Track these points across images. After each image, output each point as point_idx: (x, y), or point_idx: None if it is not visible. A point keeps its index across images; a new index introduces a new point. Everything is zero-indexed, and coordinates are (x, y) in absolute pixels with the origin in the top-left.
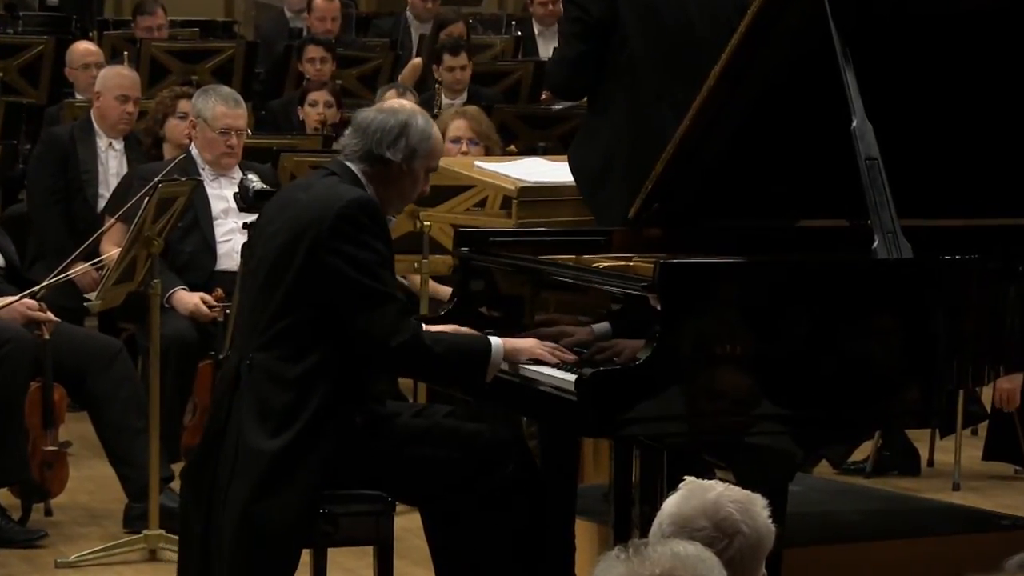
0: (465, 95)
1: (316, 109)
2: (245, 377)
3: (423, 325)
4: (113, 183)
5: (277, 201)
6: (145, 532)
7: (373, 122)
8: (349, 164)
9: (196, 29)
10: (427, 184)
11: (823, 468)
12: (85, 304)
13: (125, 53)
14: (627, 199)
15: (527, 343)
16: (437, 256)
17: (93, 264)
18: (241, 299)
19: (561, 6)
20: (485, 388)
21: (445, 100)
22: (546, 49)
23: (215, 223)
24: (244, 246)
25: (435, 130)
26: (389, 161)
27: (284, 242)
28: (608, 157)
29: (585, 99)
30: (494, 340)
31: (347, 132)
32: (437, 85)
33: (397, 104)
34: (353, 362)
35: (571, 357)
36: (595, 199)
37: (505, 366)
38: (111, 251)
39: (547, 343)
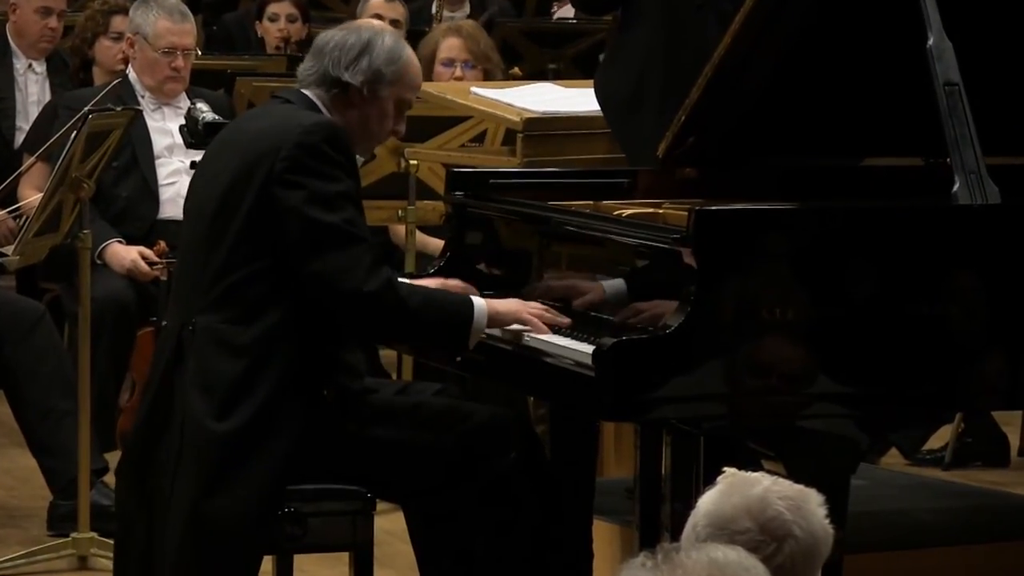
0: (467, 7)
1: (277, 24)
2: (187, 346)
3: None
4: (33, 113)
5: (221, 136)
6: (73, 535)
7: (331, 41)
8: (306, 91)
9: None
10: (400, 122)
11: (892, 458)
12: (0, 260)
13: None
14: (663, 131)
15: (510, 305)
16: (426, 202)
17: (10, 212)
18: (180, 253)
19: None
20: (466, 356)
21: (445, 12)
22: None
23: (157, 162)
24: None
25: (408, 54)
26: (348, 84)
27: (230, 181)
28: (640, 81)
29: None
30: (476, 299)
31: (307, 58)
32: None
33: (364, 22)
34: (320, 324)
35: (565, 320)
36: (625, 131)
37: (511, 332)
38: (31, 196)
39: (534, 304)
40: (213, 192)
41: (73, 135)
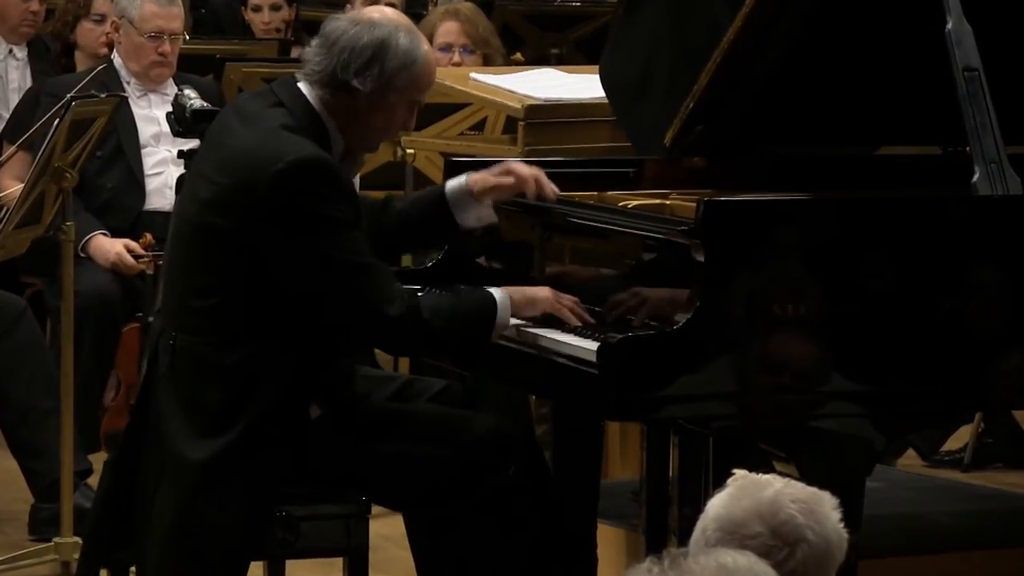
0: None
1: (261, 16)
2: (166, 358)
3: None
4: (14, 100)
5: (211, 131)
6: (56, 540)
7: (343, 37)
8: (304, 88)
9: None
10: (412, 119)
11: (909, 459)
12: None
13: None
14: (670, 119)
15: (542, 292)
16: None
17: None
18: (169, 247)
19: None
20: (481, 356)
21: None
22: None
23: (143, 151)
24: (180, 180)
25: (422, 51)
26: (355, 90)
27: (208, 200)
28: (647, 66)
29: None
30: (499, 295)
31: (313, 42)
32: None
33: (379, 15)
34: (306, 347)
35: (590, 320)
36: (631, 119)
37: (512, 329)
38: (12, 187)
39: (565, 296)
40: (193, 204)
41: (56, 123)
